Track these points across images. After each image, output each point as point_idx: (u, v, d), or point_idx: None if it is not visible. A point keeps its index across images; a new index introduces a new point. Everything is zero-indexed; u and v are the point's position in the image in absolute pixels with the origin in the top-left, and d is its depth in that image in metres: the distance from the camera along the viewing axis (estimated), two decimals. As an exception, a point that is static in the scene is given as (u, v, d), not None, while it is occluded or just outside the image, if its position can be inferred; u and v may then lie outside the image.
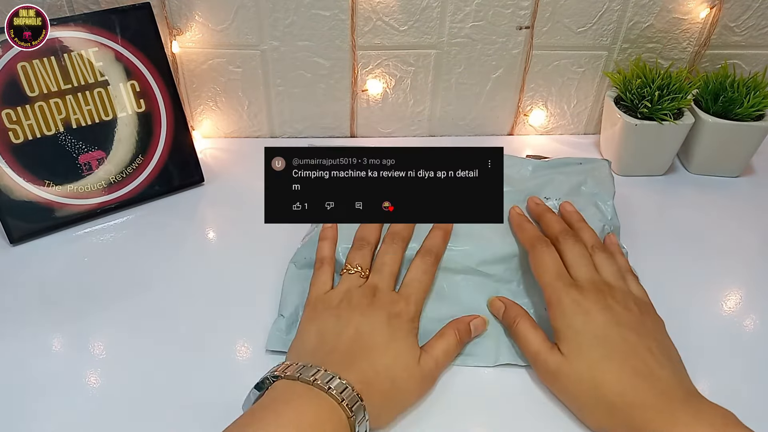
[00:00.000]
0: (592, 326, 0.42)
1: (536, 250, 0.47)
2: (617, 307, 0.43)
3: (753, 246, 0.59)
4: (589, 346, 0.41)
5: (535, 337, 0.44)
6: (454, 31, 0.65)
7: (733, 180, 0.68)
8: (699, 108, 0.65)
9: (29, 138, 0.55)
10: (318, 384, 0.36)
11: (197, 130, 0.70)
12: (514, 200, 0.53)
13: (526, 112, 0.72)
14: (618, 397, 0.39)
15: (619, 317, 0.42)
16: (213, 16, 0.63)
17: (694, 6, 0.65)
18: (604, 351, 0.41)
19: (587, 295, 0.43)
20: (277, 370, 0.38)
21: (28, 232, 0.56)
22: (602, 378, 0.40)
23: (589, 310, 0.42)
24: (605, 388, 0.39)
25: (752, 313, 0.52)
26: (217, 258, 0.56)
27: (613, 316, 0.42)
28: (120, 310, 0.50)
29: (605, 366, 0.40)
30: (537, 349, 0.44)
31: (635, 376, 0.39)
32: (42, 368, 0.45)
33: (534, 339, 0.44)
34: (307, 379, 0.36)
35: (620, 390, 0.39)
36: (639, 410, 0.38)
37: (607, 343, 0.41)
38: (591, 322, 0.42)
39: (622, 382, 0.39)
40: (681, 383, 0.39)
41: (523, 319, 0.46)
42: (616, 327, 0.42)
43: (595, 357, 0.41)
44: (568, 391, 0.42)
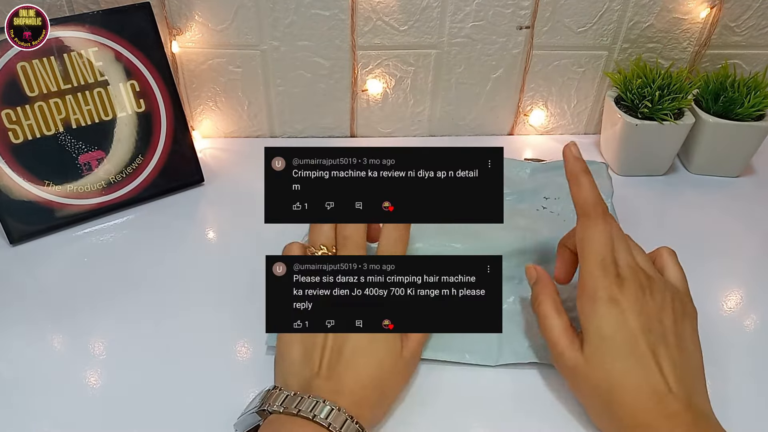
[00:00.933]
0: (622, 333, 0.40)
1: (591, 220, 0.43)
2: (654, 309, 0.41)
3: (753, 246, 0.59)
4: (613, 356, 0.39)
5: (558, 323, 0.43)
6: (454, 31, 0.65)
7: (733, 180, 0.67)
8: (699, 108, 0.65)
9: (29, 138, 0.55)
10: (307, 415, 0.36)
11: (197, 130, 0.70)
12: (513, 202, 0.53)
13: (526, 112, 0.72)
14: (627, 412, 0.38)
15: (651, 321, 0.40)
16: (213, 16, 0.63)
17: (694, 6, 0.65)
18: (627, 363, 0.39)
19: (626, 292, 0.40)
20: (266, 402, 0.38)
21: (28, 232, 0.56)
22: (619, 392, 0.39)
23: (624, 312, 0.40)
24: (618, 402, 0.39)
25: (752, 314, 0.52)
26: (217, 258, 0.56)
27: (647, 319, 0.40)
28: (120, 310, 0.50)
29: (625, 380, 0.39)
30: (557, 340, 0.42)
31: (652, 395, 0.38)
32: (42, 368, 0.45)
33: (555, 326, 0.42)
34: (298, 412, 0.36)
35: (632, 407, 0.38)
36: (643, 430, 0.37)
37: (632, 354, 0.39)
38: (623, 327, 0.40)
39: (636, 401, 0.38)
40: (693, 403, 0.38)
41: (546, 299, 0.44)
42: (647, 335, 0.39)
43: (617, 369, 0.39)
44: (580, 390, 0.42)
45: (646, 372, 0.39)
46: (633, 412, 0.38)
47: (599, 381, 0.40)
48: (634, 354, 0.39)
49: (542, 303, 0.44)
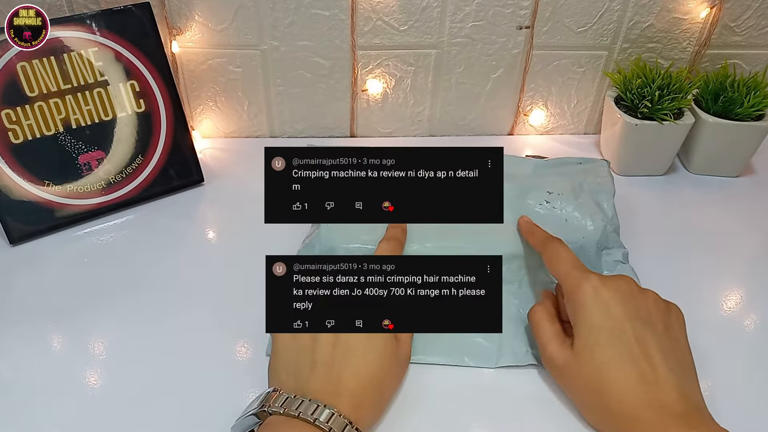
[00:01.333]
0: (609, 321, 0.40)
1: (549, 246, 0.46)
2: (640, 299, 0.42)
3: (753, 246, 0.59)
4: (602, 345, 0.40)
5: (549, 328, 0.44)
6: (454, 30, 0.65)
7: (733, 180, 0.67)
8: (699, 108, 0.65)
9: (29, 138, 0.55)
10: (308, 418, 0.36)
11: (197, 130, 0.70)
12: (517, 196, 0.53)
13: (526, 112, 0.72)
14: (617, 405, 0.38)
15: (638, 310, 0.41)
16: (213, 16, 0.63)
17: (694, 6, 0.65)
18: (615, 351, 0.39)
19: (609, 284, 0.42)
20: (266, 404, 0.37)
21: (28, 232, 0.56)
22: (608, 383, 0.39)
23: (608, 301, 0.41)
24: (609, 393, 0.39)
25: (753, 313, 0.52)
26: (217, 258, 0.56)
27: (633, 308, 0.41)
28: (120, 310, 0.50)
29: (613, 369, 0.39)
30: (547, 341, 0.43)
31: (640, 383, 0.38)
32: (41, 368, 0.45)
33: (547, 330, 0.44)
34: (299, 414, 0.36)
35: (621, 398, 0.38)
36: (632, 422, 0.37)
37: (621, 341, 0.40)
38: (609, 315, 0.40)
39: (626, 391, 0.38)
40: (684, 395, 0.38)
41: (540, 308, 0.45)
42: (633, 322, 0.40)
43: (605, 358, 0.40)
44: (571, 388, 0.42)
45: (634, 359, 0.39)
46: (622, 403, 0.38)
47: (589, 374, 0.40)
48: (621, 340, 0.40)
49: (536, 312, 0.45)
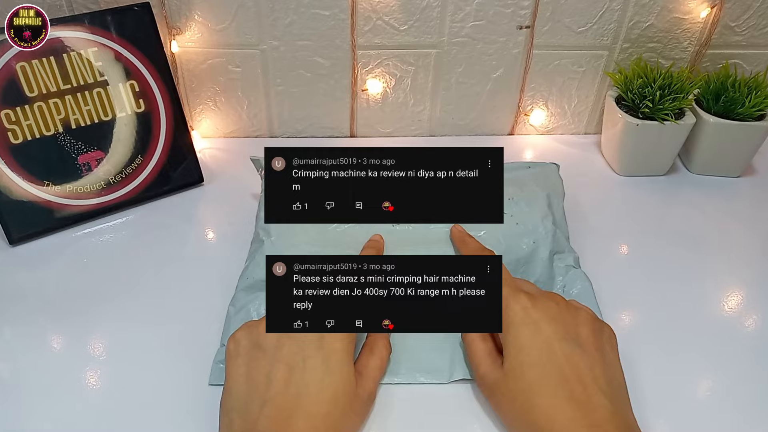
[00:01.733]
0: (538, 340, 0.39)
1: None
2: (567, 318, 0.41)
3: (754, 246, 0.59)
4: (530, 364, 0.39)
5: (482, 347, 0.43)
6: (455, 30, 0.65)
7: (734, 180, 0.67)
8: (700, 108, 0.65)
9: (28, 138, 0.54)
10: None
11: (196, 129, 0.70)
12: None
13: (527, 112, 0.72)
14: (548, 424, 0.37)
15: (567, 329, 0.40)
16: (213, 15, 0.63)
17: (694, 5, 0.65)
18: (543, 370, 0.38)
19: (537, 302, 0.41)
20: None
21: (28, 232, 0.56)
22: (536, 401, 0.38)
23: (537, 321, 0.40)
24: (537, 412, 0.38)
25: (753, 314, 0.51)
26: (217, 258, 0.56)
27: (563, 327, 0.40)
28: (119, 310, 0.50)
29: (542, 388, 0.38)
30: (479, 361, 0.42)
31: (570, 402, 0.37)
32: (41, 368, 0.45)
33: (479, 349, 0.43)
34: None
35: (551, 416, 0.37)
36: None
37: (549, 360, 0.39)
38: (538, 334, 0.40)
39: (555, 409, 0.37)
40: (617, 413, 0.37)
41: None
42: (562, 342, 0.39)
43: (534, 377, 0.39)
44: (501, 408, 0.41)
45: (563, 378, 0.38)
46: (553, 422, 0.37)
47: (518, 392, 0.39)
48: (550, 359, 0.39)
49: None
